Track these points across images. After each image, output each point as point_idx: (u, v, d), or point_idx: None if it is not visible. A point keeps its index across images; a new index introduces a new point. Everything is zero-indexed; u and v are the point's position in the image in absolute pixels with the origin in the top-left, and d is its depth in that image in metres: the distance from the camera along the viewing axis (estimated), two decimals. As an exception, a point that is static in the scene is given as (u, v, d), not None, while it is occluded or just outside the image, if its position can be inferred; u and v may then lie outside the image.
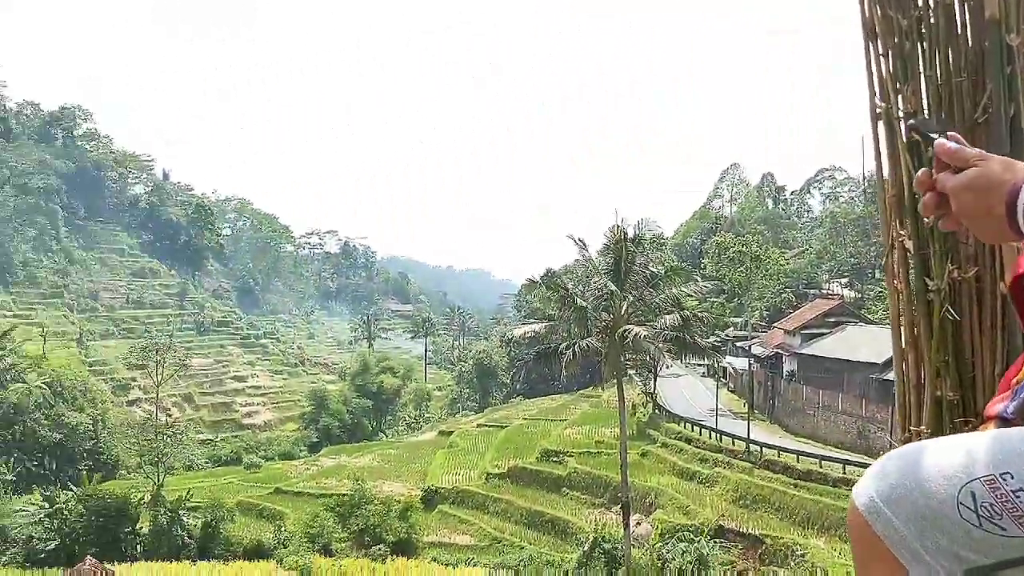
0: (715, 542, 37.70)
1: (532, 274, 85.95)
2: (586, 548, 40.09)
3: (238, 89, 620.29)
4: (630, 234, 37.91)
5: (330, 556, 45.26)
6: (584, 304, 35.90)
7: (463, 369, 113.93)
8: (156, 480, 54.68)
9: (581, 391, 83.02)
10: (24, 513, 51.17)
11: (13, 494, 61.16)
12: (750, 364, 64.23)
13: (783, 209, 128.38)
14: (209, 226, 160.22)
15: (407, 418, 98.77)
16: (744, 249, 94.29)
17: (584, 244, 39.23)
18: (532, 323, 46.10)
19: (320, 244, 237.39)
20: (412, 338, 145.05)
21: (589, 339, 35.29)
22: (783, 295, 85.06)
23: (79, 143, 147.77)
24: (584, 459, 54.95)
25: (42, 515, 49.29)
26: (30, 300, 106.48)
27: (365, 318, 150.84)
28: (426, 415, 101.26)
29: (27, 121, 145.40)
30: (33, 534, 48.53)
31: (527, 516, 49.19)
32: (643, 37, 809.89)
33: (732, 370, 73.62)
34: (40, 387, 76.22)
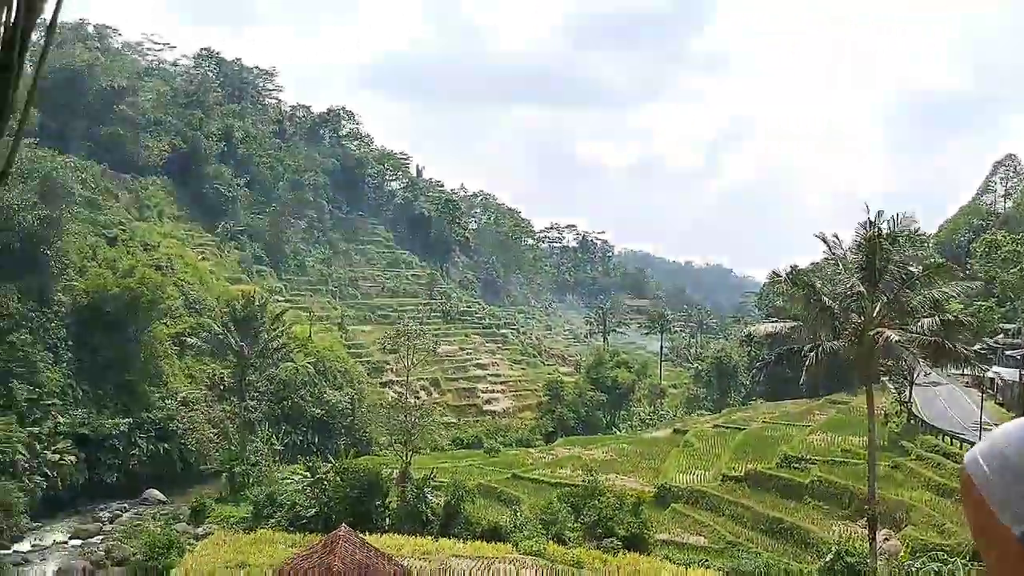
0: (971, 564, 34.43)
1: (779, 269, 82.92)
2: (828, 560, 38.02)
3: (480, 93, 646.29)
4: (885, 230, 35.35)
5: (563, 544, 46.03)
6: (832, 304, 33.94)
7: (700, 368, 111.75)
8: (404, 458, 58.10)
9: (827, 396, 78.76)
10: (290, 481, 56.31)
11: (282, 463, 67.60)
12: (1022, 375, 58.02)
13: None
14: (456, 220, 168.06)
15: (641, 414, 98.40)
16: (1019, 248, 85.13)
17: (836, 241, 37.16)
18: (775, 322, 43.99)
19: (559, 238, 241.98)
20: (647, 334, 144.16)
21: (836, 341, 33.31)
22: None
23: (343, 142, 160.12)
24: (828, 467, 52.12)
25: (305, 484, 53.97)
26: (300, 287, 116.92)
27: (601, 312, 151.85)
28: (660, 412, 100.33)
29: (299, 123, 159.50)
30: (297, 501, 53.25)
31: (764, 522, 47.43)
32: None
33: (1000, 381, 66.77)
34: (306, 366, 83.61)
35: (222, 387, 76.38)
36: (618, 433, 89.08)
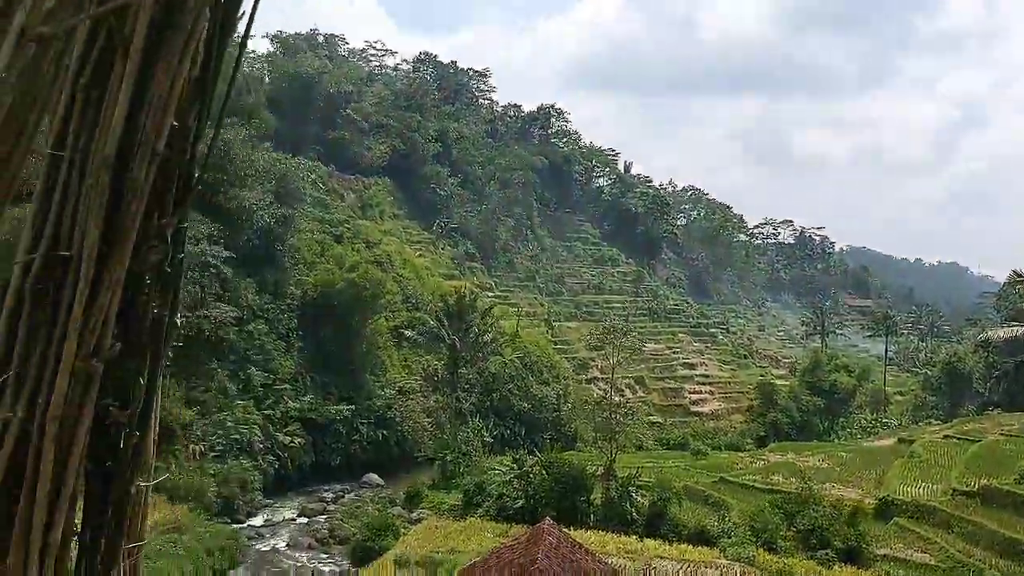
0: None
1: (1019, 270, 75.34)
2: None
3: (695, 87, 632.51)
4: None
5: (774, 552, 44.08)
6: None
7: (930, 373, 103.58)
8: (609, 456, 57.84)
9: (1079, 408, 70.63)
10: (498, 472, 57.54)
11: (490, 454, 69.31)
12: None
13: None
14: (664, 217, 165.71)
15: (862, 421, 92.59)
16: None
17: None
18: (1016, 327, 39.90)
19: (774, 234, 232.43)
20: (870, 336, 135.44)
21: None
22: None
23: (552, 140, 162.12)
24: (1080, 488, 46.64)
25: (511, 476, 54.94)
26: (509, 283, 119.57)
27: (819, 312, 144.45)
28: (883, 420, 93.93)
29: (510, 122, 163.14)
30: (504, 492, 54.33)
31: (1000, 542, 43.10)
32: None
33: None
34: (514, 361, 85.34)
35: (436, 378, 79.38)
36: (836, 441, 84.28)
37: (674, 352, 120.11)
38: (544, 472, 52.82)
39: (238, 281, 67.94)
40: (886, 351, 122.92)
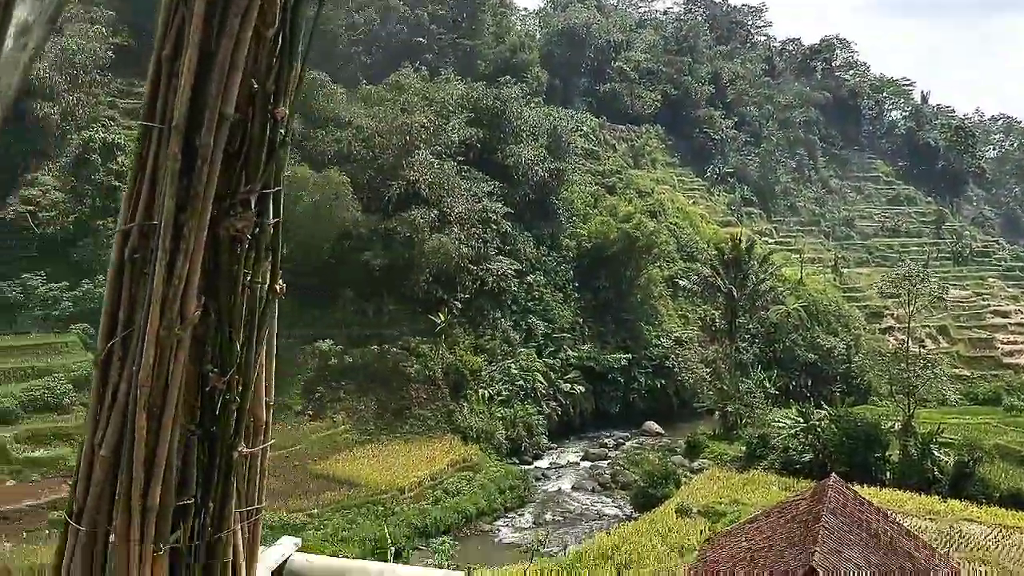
0: None
1: None
2: None
3: None
4: None
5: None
6: None
7: None
8: (906, 410, 53.72)
9: None
10: (782, 425, 55.44)
11: (774, 406, 66.97)
12: None
13: None
14: (970, 149, 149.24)
15: None
16: None
17: None
18: None
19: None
20: None
21: None
22: None
23: (837, 73, 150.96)
24: None
25: (797, 429, 52.71)
26: (790, 228, 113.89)
27: None
28: None
29: (789, 57, 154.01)
30: (790, 445, 52.30)
31: None
32: None
33: None
34: (797, 310, 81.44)
35: (713, 328, 77.80)
36: None
37: (983, 299, 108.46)
38: (833, 426, 50.11)
39: (516, 235, 70.48)
40: None
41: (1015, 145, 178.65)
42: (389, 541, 21.79)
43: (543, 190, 73.11)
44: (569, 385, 65.76)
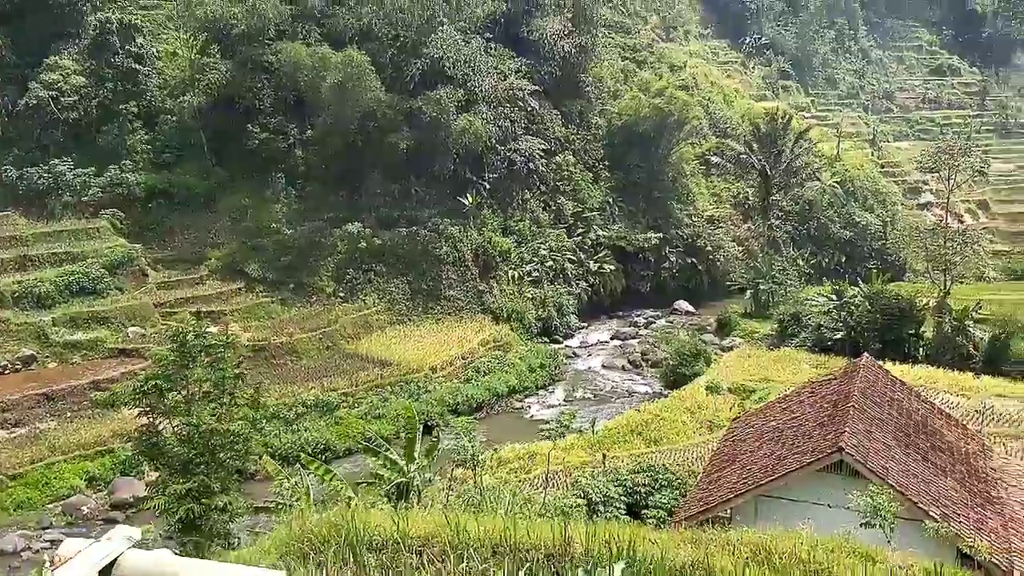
0: None
1: None
2: None
3: None
4: None
5: None
6: None
7: None
8: (942, 287, 52.93)
9: None
10: (815, 303, 54.98)
11: (807, 283, 66.40)
12: None
13: None
14: (1020, 15, 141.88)
15: None
16: None
17: None
18: None
19: None
20: None
21: None
22: None
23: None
24: None
25: (830, 307, 52.26)
26: (828, 102, 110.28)
27: None
28: None
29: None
30: (822, 323, 51.99)
31: None
32: None
33: None
34: (833, 186, 79.60)
35: (746, 206, 76.59)
36: None
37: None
38: (867, 304, 49.56)
39: (544, 113, 68.79)
40: None
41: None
42: (416, 419, 21.98)
43: (571, 66, 70.72)
44: (599, 265, 65.48)
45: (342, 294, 54.40)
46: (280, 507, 19.08)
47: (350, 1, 62.28)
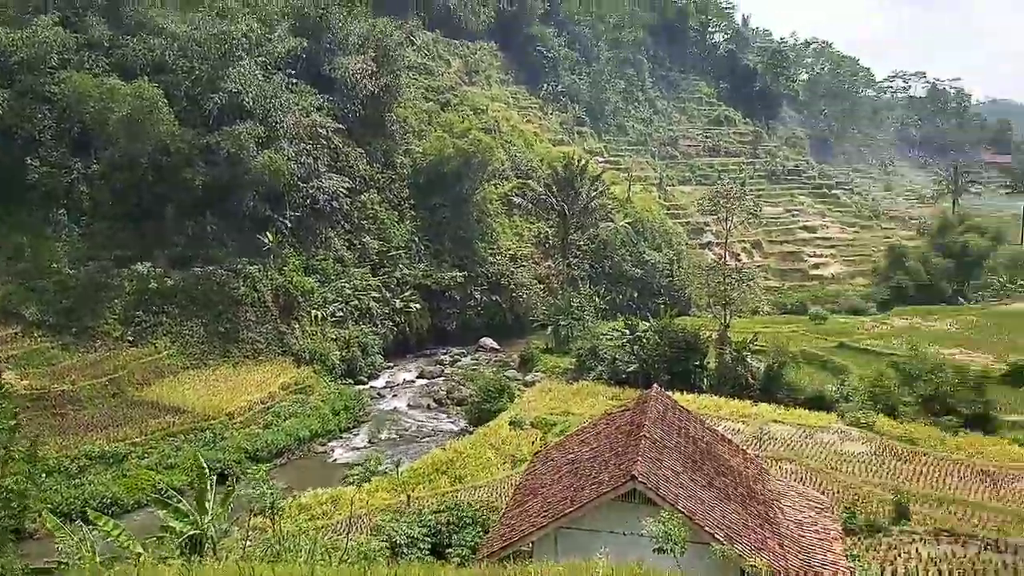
0: None
1: None
2: None
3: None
4: None
5: (894, 418, 42.96)
6: None
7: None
8: (723, 321, 56.96)
9: None
10: (610, 337, 57.61)
11: (603, 319, 69.42)
12: None
13: None
14: (785, 73, 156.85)
15: (996, 284, 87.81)
16: None
17: None
18: None
19: (904, 88, 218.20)
20: (1009, 195, 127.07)
21: None
22: None
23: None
24: None
25: (624, 340, 54.93)
26: (619, 147, 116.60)
27: (952, 170, 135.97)
28: (1020, 282, 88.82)
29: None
30: (617, 356, 54.50)
31: None
32: None
33: None
34: (625, 226, 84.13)
35: (547, 245, 79.35)
36: (966, 305, 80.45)
37: (793, 215, 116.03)
38: (657, 337, 52.47)
39: (348, 151, 68.47)
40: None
41: (825, 69, 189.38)
42: (206, 469, 21.08)
43: (375, 105, 70.91)
44: (405, 304, 65.51)
45: (130, 338, 51.14)
46: (62, 567, 17.65)
47: (142, 32, 59.52)
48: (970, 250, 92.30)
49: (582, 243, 78.56)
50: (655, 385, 24.62)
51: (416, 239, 70.34)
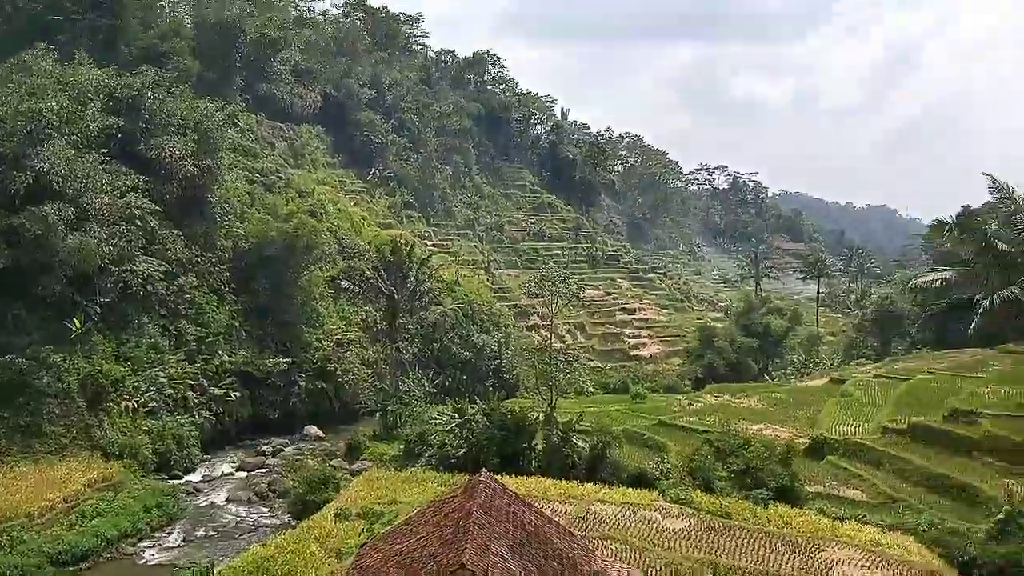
0: None
1: (946, 213, 77.08)
2: (999, 520, 35.30)
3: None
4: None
5: (711, 493, 44.83)
6: (1007, 248, 30.61)
7: (862, 315, 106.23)
8: (550, 401, 58.07)
9: (1004, 346, 72.98)
10: (439, 421, 57.36)
11: (432, 403, 69.16)
12: None
13: None
14: (602, 163, 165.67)
15: (795, 362, 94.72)
16: None
17: (1002, 183, 33.39)
18: (943, 270, 40.49)
19: (709, 180, 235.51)
20: (803, 279, 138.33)
21: (1013, 288, 30.02)
22: None
23: (489, 87, 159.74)
24: (1002, 422, 48.22)
25: (453, 425, 54.80)
26: (447, 232, 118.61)
27: (753, 256, 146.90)
28: (816, 360, 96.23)
29: (445, 68, 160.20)
30: (446, 441, 54.20)
31: (928, 478, 44.50)
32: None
33: None
34: (454, 310, 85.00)
35: (375, 329, 78.75)
36: (771, 382, 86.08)
37: (613, 298, 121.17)
38: (486, 420, 52.69)
39: (165, 234, 65.81)
40: (818, 293, 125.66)
41: (639, 161, 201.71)
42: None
43: (194, 187, 68.76)
44: (224, 392, 62.78)
45: (-89, 435, 46.20)
46: None
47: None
48: (771, 330, 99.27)
49: (411, 327, 78.56)
50: (483, 470, 24.74)
51: (237, 324, 68.03)
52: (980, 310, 60.56)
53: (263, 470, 57.60)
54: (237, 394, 63.56)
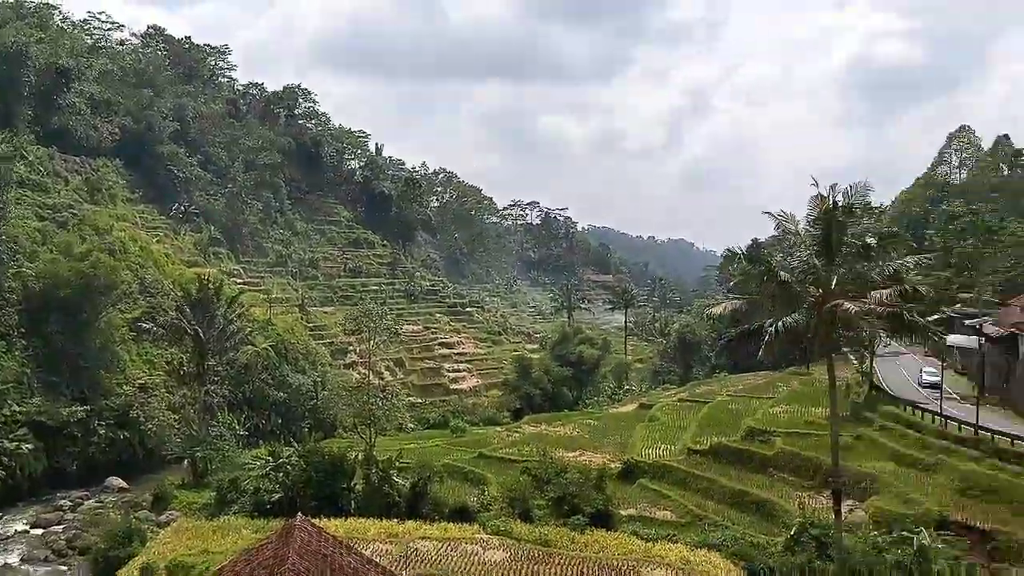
0: (938, 535, 34.71)
1: (737, 245, 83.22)
2: (793, 532, 38.16)
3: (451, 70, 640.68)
4: (841, 202, 34.65)
5: (530, 522, 45.74)
6: (788, 279, 33.50)
7: (665, 343, 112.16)
8: (369, 440, 57.48)
9: (791, 368, 79.28)
10: (253, 466, 55.33)
11: (245, 447, 66.65)
12: (980, 344, 58.62)
13: (1021, 175, 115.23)
14: (418, 199, 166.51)
15: (607, 389, 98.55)
16: (975, 219, 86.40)
17: (786, 215, 36.59)
18: (734, 299, 43.50)
19: (522, 215, 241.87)
20: (612, 309, 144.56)
21: (794, 316, 32.86)
22: (1021, 269, 76.99)
23: (300, 121, 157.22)
24: (792, 440, 52.40)
25: (268, 468, 53.06)
26: (258, 269, 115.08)
27: (565, 289, 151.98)
28: (626, 387, 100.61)
29: (254, 102, 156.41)
30: (261, 486, 52.35)
31: (730, 495, 47.54)
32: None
33: (959, 349, 67.61)
34: (267, 350, 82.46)
35: (181, 372, 74.95)
36: (585, 409, 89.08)
37: (432, 332, 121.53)
38: (303, 462, 51.39)
39: (-58, 275, 60.34)
40: (626, 323, 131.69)
41: (454, 196, 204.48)
42: None
43: (-24, 225, 63.63)
44: (15, 444, 57.98)
45: None
46: None
47: None
48: (584, 359, 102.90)
49: (221, 368, 75.34)
50: (299, 514, 24.24)
51: (28, 371, 63.09)
52: (767, 337, 65.49)
53: (61, 526, 53.70)
54: (30, 446, 58.92)
